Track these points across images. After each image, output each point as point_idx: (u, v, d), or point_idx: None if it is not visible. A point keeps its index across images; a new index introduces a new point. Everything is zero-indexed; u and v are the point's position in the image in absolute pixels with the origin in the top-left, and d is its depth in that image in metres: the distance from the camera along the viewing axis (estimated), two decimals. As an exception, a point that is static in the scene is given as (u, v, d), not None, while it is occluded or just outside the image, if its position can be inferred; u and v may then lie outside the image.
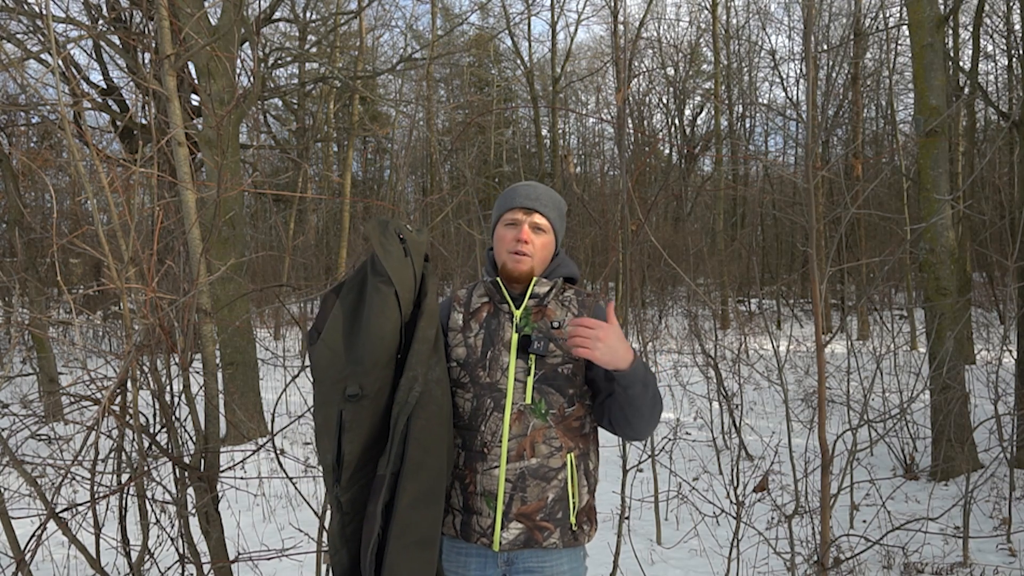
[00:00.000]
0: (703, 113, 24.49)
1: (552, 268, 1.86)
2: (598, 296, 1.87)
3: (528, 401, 1.73)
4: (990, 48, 16.91)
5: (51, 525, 4.57)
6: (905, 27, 13.00)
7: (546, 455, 1.72)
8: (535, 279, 1.81)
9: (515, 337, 1.77)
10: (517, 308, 1.80)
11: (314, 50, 14.26)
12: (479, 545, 1.74)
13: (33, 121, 10.06)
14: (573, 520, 1.74)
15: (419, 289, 1.67)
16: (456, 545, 1.78)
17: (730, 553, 3.18)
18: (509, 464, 1.70)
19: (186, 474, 2.33)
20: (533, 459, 1.71)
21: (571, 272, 1.88)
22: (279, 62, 13.04)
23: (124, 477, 2.41)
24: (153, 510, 2.40)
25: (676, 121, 23.57)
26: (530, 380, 1.74)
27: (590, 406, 1.82)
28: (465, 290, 1.90)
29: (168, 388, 2.33)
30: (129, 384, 2.23)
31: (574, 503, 1.74)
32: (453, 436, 1.75)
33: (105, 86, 12.03)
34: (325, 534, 2.51)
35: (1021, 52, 12.94)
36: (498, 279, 1.82)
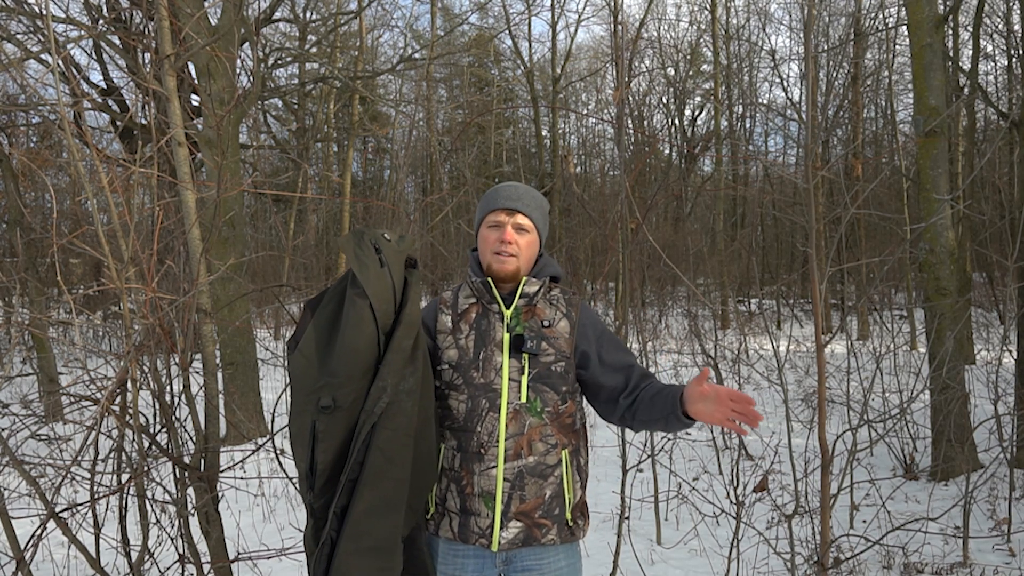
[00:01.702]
0: (703, 113, 24.50)
1: (539, 268, 1.86)
2: (595, 295, 1.87)
3: (523, 400, 1.73)
4: (990, 48, 16.90)
5: (51, 525, 4.57)
6: (904, 27, 13.01)
7: (543, 453, 1.73)
8: (524, 279, 1.82)
9: (507, 337, 1.77)
10: (507, 308, 1.81)
11: (314, 50, 14.26)
12: (477, 546, 1.74)
13: (33, 121, 10.06)
14: (569, 516, 1.76)
15: (401, 298, 1.66)
16: (453, 548, 1.78)
17: (730, 553, 3.18)
18: (507, 463, 1.71)
19: (186, 474, 2.33)
20: (531, 457, 1.72)
21: (557, 272, 1.89)
22: (279, 62, 13.04)
23: (124, 477, 2.41)
24: (153, 510, 2.40)
25: (676, 121, 23.57)
26: (524, 379, 1.74)
27: (580, 403, 1.84)
28: (450, 292, 1.90)
29: (168, 388, 2.33)
30: (129, 384, 2.23)
31: (569, 499, 1.76)
32: (438, 441, 1.75)
33: (105, 86, 12.03)
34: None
35: (1021, 52, 12.94)
36: (488, 279, 1.82)
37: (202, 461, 2.37)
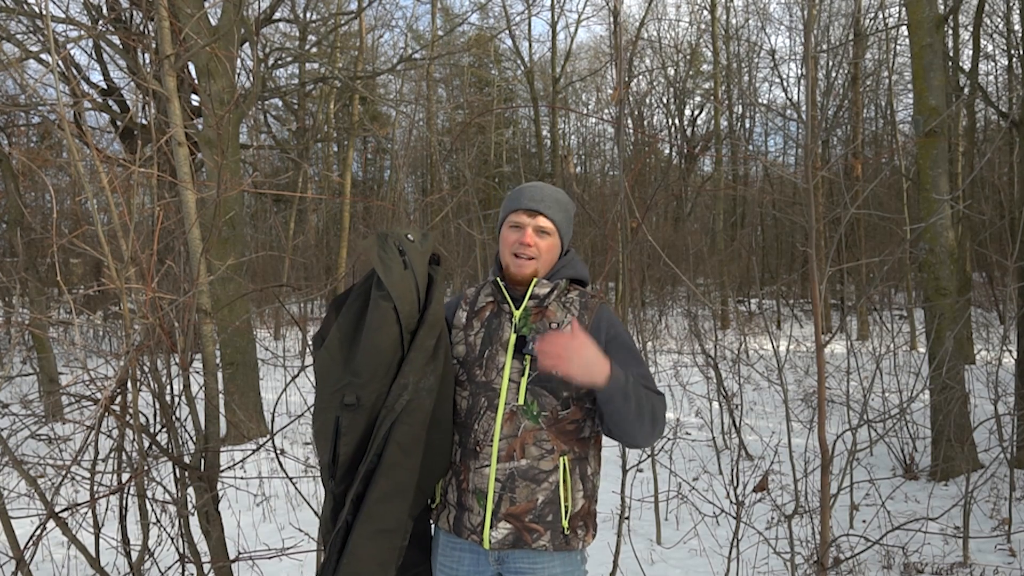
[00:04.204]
0: (703, 113, 24.50)
1: (556, 269, 1.83)
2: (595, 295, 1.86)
3: (521, 402, 1.72)
4: (990, 48, 16.90)
5: (51, 525, 4.57)
6: (905, 27, 13.00)
7: (536, 457, 1.71)
8: (535, 280, 1.80)
9: (513, 337, 1.76)
10: (518, 308, 1.80)
11: (314, 50, 14.25)
12: (470, 542, 1.75)
13: (33, 121, 10.06)
14: (566, 524, 1.72)
15: (426, 297, 1.71)
16: (450, 540, 1.79)
17: (730, 553, 3.18)
18: (499, 464, 1.70)
19: (186, 474, 2.33)
20: (523, 460, 1.70)
21: (577, 273, 1.85)
22: (279, 62, 13.03)
23: (124, 477, 2.41)
24: (153, 510, 2.40)
25: (676, 121, 23.57)
26: (524, 381, 1.72)
27: (590, 409, 1.78)
28: (475, 288, 1.91)
29: (168, 388, 2.33)
30: (129, 384, 2.23)
31: (567, 507, 1.72)
32: (452, 435, 1.77)
33: (105, 86, 12.03)
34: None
35: (1021, 52, 12.94)
36: (498, 279, 1.81)
37: (202, 461, 2.37)
